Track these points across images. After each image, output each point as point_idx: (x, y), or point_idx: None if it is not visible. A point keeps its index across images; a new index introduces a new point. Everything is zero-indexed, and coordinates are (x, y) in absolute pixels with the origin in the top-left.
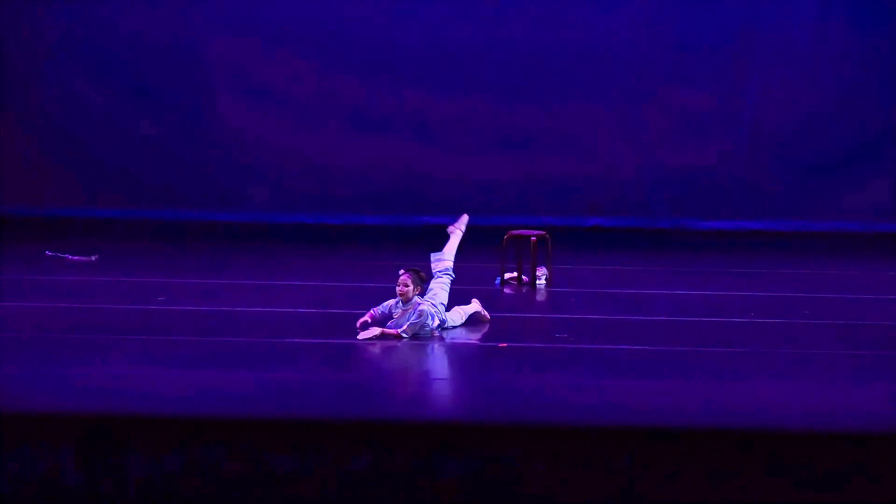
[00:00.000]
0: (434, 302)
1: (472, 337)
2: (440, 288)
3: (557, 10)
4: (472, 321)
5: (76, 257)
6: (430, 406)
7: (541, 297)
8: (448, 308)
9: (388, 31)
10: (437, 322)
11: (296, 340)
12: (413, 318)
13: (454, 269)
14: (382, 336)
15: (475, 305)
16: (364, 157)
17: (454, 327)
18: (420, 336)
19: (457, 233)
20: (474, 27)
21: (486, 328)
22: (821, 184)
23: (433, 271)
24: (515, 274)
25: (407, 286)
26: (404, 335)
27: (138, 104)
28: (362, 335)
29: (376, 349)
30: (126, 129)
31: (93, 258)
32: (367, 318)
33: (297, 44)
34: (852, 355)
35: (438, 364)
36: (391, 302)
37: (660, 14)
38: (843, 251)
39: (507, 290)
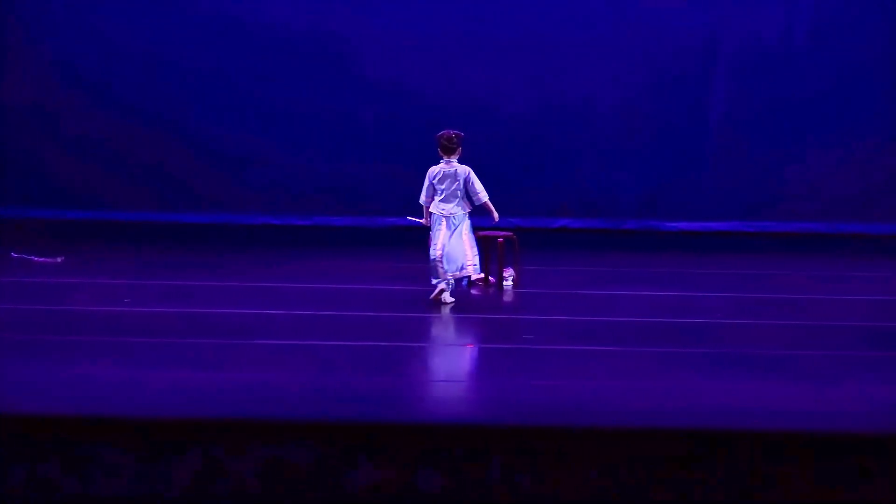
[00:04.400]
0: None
1: (438, 338)
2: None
3: (526, 15)
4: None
5: (42, 259)
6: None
7: (508, 297)
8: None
9: (367, 31)
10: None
11: (280, 342)
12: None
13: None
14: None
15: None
16: (356, 157)
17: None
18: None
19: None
20: (451, 32)
21: (454, 326)
22: (789, 184)
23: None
24: (482, 275)
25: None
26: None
27: (118, 104)
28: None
29: (359, 351)
30: (105, 131)
31: (58, 259)
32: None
33: (283, 48)
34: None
35: (415, 365)
36: (435, 171)
37: (627, 16)
38: (801, 251)
39: (473, 291)
